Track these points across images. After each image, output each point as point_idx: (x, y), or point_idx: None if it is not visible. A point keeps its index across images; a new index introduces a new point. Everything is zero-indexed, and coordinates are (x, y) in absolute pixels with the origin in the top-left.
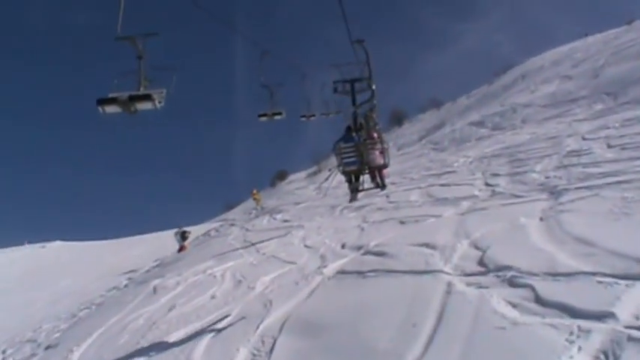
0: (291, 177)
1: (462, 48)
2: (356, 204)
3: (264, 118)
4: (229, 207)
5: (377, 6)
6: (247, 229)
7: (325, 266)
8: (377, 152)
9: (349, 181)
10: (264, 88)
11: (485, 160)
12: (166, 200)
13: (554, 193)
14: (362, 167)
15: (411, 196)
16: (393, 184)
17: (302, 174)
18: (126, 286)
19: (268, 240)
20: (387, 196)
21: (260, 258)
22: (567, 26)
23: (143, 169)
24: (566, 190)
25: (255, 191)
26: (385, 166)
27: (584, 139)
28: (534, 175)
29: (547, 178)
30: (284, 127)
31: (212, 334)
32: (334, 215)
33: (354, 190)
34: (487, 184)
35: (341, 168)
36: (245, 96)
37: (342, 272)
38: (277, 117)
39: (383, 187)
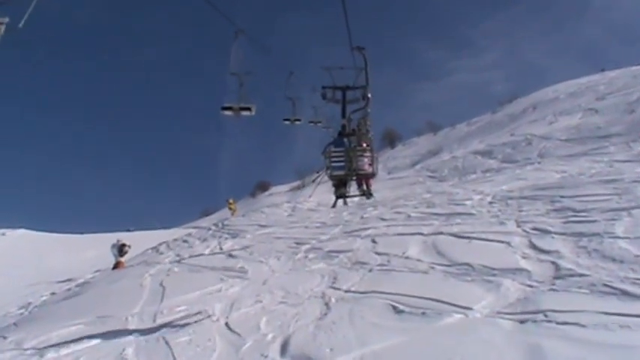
0: (273, 189)
1: (455, 81)
2: (328, 246)
3: (287, 122)
4: (207, 213)
5: (372, 32)
6: (180, 260)
7: None
8: (366, 160)
9: (336, 185)
10: (289, 99)
11: (513, 203)
12: (145, 198)
13: None
14: (349, 173)
15: (408, 248)
16: (382, 219)
17: (284, 187)
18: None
19: (186, 293)
20: (374, 241)
21: (144, 341)
22: (563, 69)
23: (127, 164)
24: None
25: (231, 200)
26: (373, 174)
27: None
28: (624, 245)
29: None
30: (274, 137)
31: None
32: (295, 259)
33: (340, 196)
34: (534, 246)
35: (329, 172)
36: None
37: None
38: (297, 122)
39: (369, 195)
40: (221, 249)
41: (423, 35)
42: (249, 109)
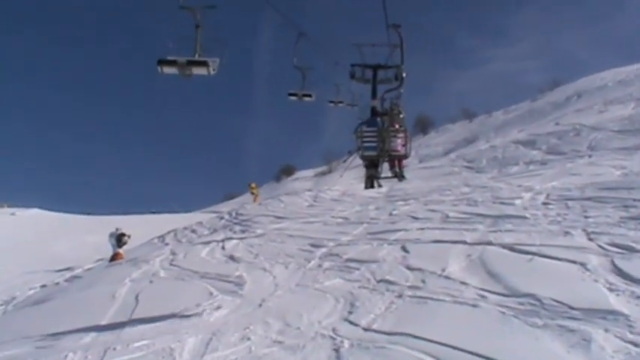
0: (298, 174)
1: (491, 70)
2: (347, 252)
3: (293, 98)
4: (230, 197)
5: (407, 18)
6: (172, 260)
7: None
8: (399, 141)
9: (367, 166)
10: (297, 69)
11: (575, 205)
12: (170, 180)
13: None
14: (381, 154)
15: (449, 262)
16: (414, 219)
17: (310, 172)
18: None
19: (159, 313)
20: (405, 249)
21: None
22: (601, 61)
23: (152, 146)
24: None
25: (253, 185)
26: (406, 156)
27: None
28: None
29: None
30: (303, 119)
31: None
32: (305, 269)
33: (371, 177)
34: (620, 272)
35: (360, 152)
36: (265, 84)
37: None
38: (307, 99)
39: (401, 177)
40: (224, 248)
41: (458, 23)
42: (204, 63)
